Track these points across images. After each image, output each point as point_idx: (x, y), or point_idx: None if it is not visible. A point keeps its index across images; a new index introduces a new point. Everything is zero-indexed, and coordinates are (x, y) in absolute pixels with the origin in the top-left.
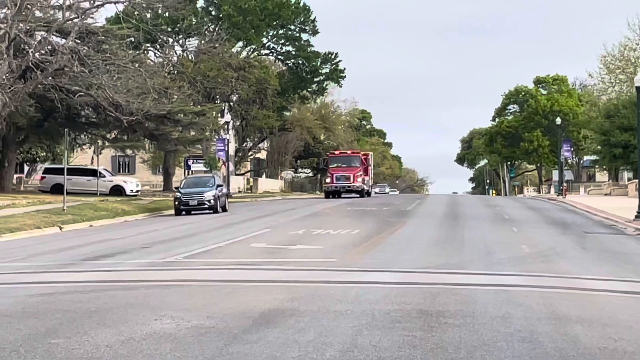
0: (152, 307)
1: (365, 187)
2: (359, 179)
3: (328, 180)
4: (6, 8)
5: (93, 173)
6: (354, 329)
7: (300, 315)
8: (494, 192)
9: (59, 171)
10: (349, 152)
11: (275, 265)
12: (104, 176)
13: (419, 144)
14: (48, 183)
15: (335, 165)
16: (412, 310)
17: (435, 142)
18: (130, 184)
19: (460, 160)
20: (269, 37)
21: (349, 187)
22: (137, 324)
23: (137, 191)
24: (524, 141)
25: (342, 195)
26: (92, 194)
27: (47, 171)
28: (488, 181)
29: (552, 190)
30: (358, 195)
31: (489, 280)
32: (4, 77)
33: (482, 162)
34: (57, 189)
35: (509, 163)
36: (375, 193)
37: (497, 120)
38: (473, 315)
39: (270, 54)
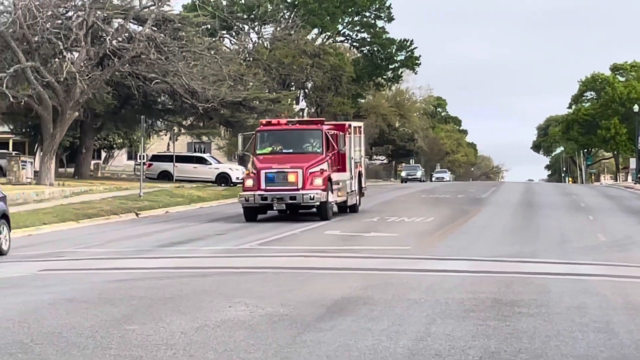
0: (226, 294)
1: (336, 196)
2: (317, 180)
3: (249, 182)
4: None
5: (200, 160)
6: (427, 317)
7: (374, 304)
8: (570, 179)
9: (166, 158)
10: (295, 123)
11: (349, 252)
12: (210, 163)
13: (494, 131)
14: (155, 170)
15: (267, 150)
16: (486, 299)
17: (510, 129)
18: (236, 171)
19: (536, 147)
20: (344, 24)
21: (292, 196)
22: (211, 311)
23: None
24: (601, 129)
25: (276, 209)
26: (198, 181)
27: (153, 158)
28: (564, 169)
29: (630, 178)
30: (317, 214)
31: (564, 270)
32: (82, 64)
33: (558, 150)
34: (164, 176)
35: (585, 151)
36: (435, 180)
37: (573, 107)
38: (547, 305)
39: (346, 41)
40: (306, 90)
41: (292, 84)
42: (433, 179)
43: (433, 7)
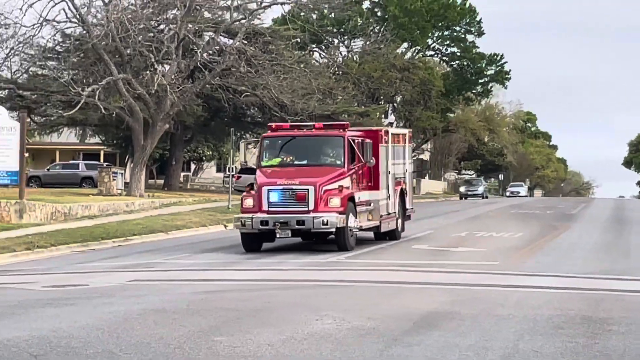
0: (313, 306)
1: (364, 220)
2: (333, 200)
3: (249, 201)
4: (176, 9)
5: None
6: (515, 333)
7: (461, 319)
8: None
9: (254, 171)
10: (312, 128)
11: (437, 267)
12: None
13: (585, 147)
14: (244, 182)
15: (275, 161)
16: (575, 316)
17: (602, 145)
18: None
19: (627, 164)
20: (434, 38)
21: (300, 220)
22: (298, 324)
23: None
24: None
25: (279, 237)
26: None
27: (242, 171)
28: None
29: None
30: (334, 240)
31: None
32: (173, 76)
33: None
34: (253, 188)
35: None
36: (509, 195)
37: None
38: (639, 323)
39: (435, 55)
40: (395, 104)
41: (381, 97)
42: (507, 193)
43: (524, 21)
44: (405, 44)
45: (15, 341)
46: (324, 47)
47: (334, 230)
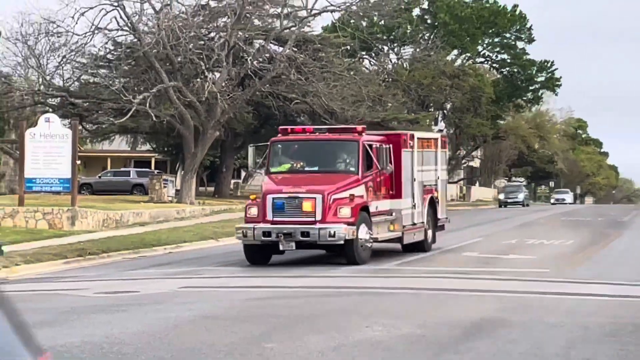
0: (364, 314)
1: (384, 231)
2: (343, 210)
3: (253, 210)
4: (226, 17)
5: None
6: (567, 341)
7: (512, 326)
8: None
9: None
10: (325, 132)
11: (487, 274)
12: None
13: (637, 154)
14: None
15: (284, 167)
16: (627, 324)
17: None
18: None
19: None
20: (484, 45)
21: (304, 231)
22: (348, 330)
23: None
24: None
25: (282, 249)
26: None
27: None
28: None
29: None
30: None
31: None
32: (223, 84)
33: None
34: None
35: None
36: (554, 202)
37: None
38: None
39: (485, 62)
40: (445, 111)
41: (431, 104)
42: (552, 200)
43: (575, 27)
44: (455, 51)
45: (68, 347)
46: (373, 55)
47: (342, 242)
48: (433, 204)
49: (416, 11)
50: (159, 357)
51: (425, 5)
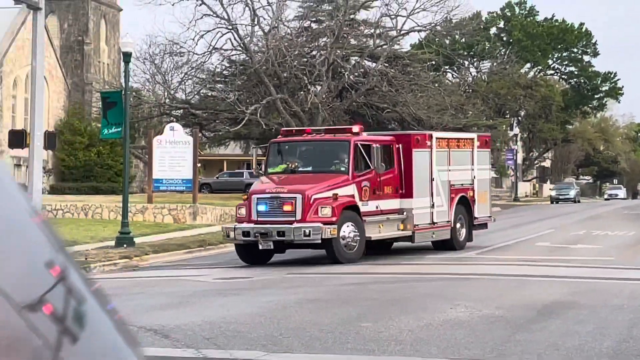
0: (448, 297)
1: (387, 231)
2: (324, 210)
3: (242, 210)
4: (326, 37)
5: None
6: (629, 322)
7: (580, 308)
8: None
9: None
10: (322, 132)
11: (558, 262)
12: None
13: None
14: None
15: (280, 168)
16: None
17: None
18: None
19: None
20: (554, 58)
21: (280, 230)
22: (434, 312)
23: None
24: None
25: (262, 248)
26: None
27: None
28: None
29: None
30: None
31: None
32: (324, 96)
33: None
34: None
35: None
36: (607, 198)
37: None
38: None
39: (555, 74)
40: (519, 118)
41: (507, 112)
42: (605, 195)
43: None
44: (528, 65)
45: (190, 326)
46: (455, 68)
47: (319, 241)
48: (466, 203)
49: (493, 30)
50: (269, 335)
51: (502, 25)
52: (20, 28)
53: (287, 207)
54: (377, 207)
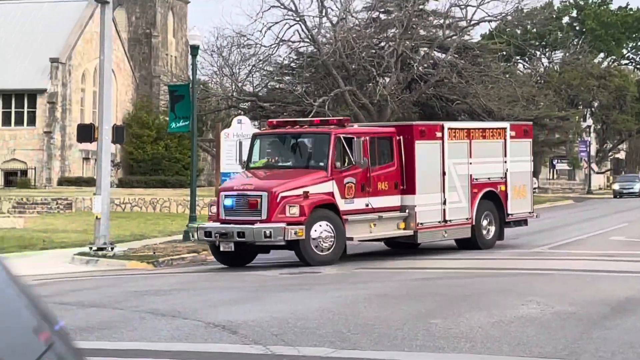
0: (519, 292)
1: (381, 230)
2: (292, 209)
3: (213, 208)
4: (395, 28)
5: None
6: None
7: None
8: None
9: None
10: (305, 124)
11: (633, 257)
12: None
13: None
14: None
15: (261, 162)
16: None
17: None
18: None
19: None
20: (629, 48)
21: (241, 231)
22: (505, 308)
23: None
24: None
25: (223, 250)
26: None
27: None
28: None
29: None
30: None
31: None
32: (392, 88)
33: None
34: None
35: None
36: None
37: None
38: None
39: (630, 64)
40: (592, 109)
41: (580, 103)
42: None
43: None
44: (601, 54)
45: (258, 322)
46: (527, 59)
47: (283, 243)
48: (496, 198)
49: (566, 19)
50: (337, 331)
51: (574, 14)
52: (88, 21)
53: (252, 206)
54: (367, 205)
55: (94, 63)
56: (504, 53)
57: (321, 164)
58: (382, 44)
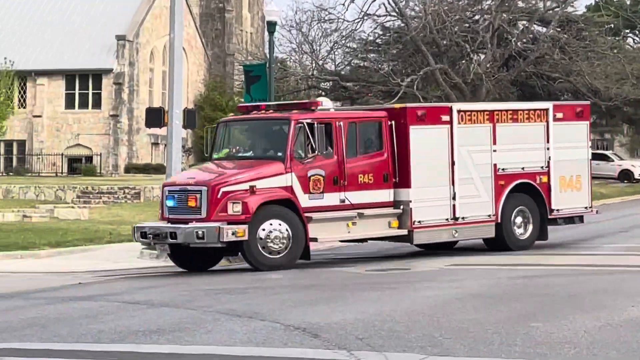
0: (627, 292)
1: (363, 230)
2: (234, 207)
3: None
4: (490, 0)
5: (601, 157)
6: None
7: None
8: None
9: (604, 157)
10: (270, 109)
11: None
12: (612, 160)
13: None
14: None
15: (224, 152)
16: None
17: None
18: (638, 167)
19: None
20: None
21: (172, 231)
22: (613, 310)
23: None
24: None
25: (159, 251)
26: (600, 178)
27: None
28: None
29: None
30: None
31: None
32: (488, 65)
33: None
34: None
35: None
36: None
37: None
38: None
39: None
40: None
41: None
42: None
43: None
44: None
45: (342, 324)
46: (638, 32)
47: (220, 245)
48: (534, 191)
49: None
50: (428, 335)
51: None
52: None
53: (191, 202)
54: (342, 201)
55: (163, 40)
56: (612, 26)
57: (279, 154)
58: (477, 17)
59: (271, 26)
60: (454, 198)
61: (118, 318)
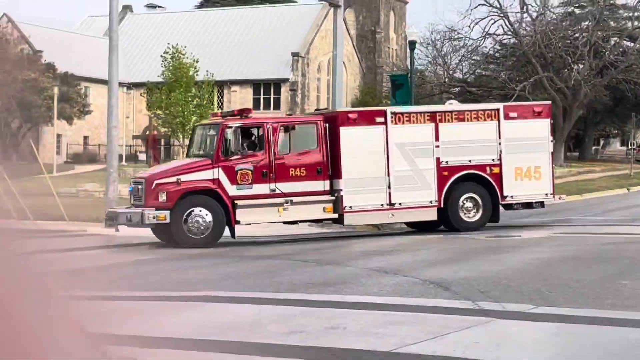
0: None
1: (303, 214)
2: (161, 196)
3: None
4: (588, 21)
5: None
6: None
7: None
8: None
9: None
10: (226, 115)
11: None
12: None
13: None
14: None
15: (192, 151)
16: None
17: None
18: None
19: None
20: None
21: (116, 215)
22: None
23: None
24: None
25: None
26: None
27: None
28: None
29: None
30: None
31: None
32: (586, 74)
33: None
34: None
35: None
36: None
37: None
38: None
39: None
40: None
41: None
42: None
43: None
44: None
45: (468, 280)
46: None
47: (146, 227)
48: (483, 181)
49: None
50: (536, 290)
51: None
52: (323, 20)
53: (139, 192)
54: (273, 190)
55: (328, 56)
56: None
57: (211, 152)
58: (576, 35)
59: (412, 44)
60: (389, 187)
61: (293, 273)
